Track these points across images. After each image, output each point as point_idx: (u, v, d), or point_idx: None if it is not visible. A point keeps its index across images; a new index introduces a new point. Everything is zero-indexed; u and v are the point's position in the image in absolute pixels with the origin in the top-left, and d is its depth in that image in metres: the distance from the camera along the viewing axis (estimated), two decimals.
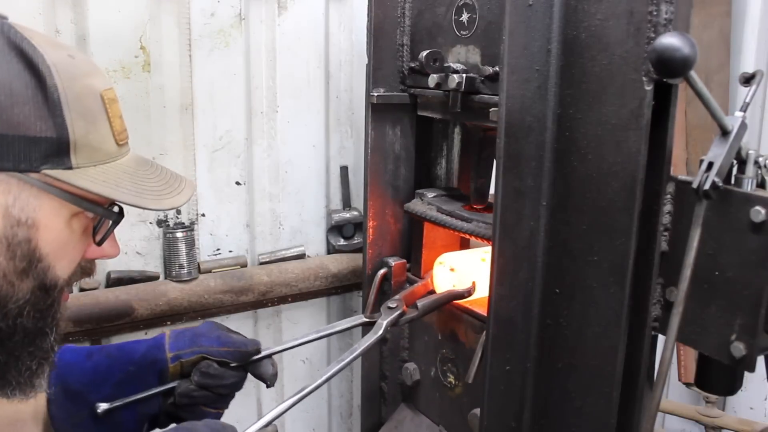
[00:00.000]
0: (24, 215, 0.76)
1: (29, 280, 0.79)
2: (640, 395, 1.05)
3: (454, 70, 1.37)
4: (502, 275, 1.16)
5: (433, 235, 1.63)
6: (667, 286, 1.00)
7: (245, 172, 1.91)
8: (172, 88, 1.75)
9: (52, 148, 0.76)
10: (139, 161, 0.90)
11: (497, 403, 1.21)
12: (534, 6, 1.07)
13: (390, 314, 1.33)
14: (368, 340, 1.26)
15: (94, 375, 1.08)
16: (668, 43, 0.77)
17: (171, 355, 1.10)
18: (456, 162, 1.80)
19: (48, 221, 0.78)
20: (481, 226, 1.40)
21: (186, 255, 1.78)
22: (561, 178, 1.11)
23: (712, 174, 0.86)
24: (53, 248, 0.80)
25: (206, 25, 1.77)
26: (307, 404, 2.17)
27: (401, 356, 1.70)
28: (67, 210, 0.80)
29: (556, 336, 1.15)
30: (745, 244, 0.88)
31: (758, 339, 0.88)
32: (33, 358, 0.83)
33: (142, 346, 1.13)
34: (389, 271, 1.63)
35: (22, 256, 0.77)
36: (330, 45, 2.00)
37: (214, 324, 1.18)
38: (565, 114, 1.09)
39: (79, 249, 0.86)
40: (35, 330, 0.82)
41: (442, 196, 1.61)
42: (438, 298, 1.42)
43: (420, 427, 1.65)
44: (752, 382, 1.31)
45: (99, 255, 0.91)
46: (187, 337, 1.13)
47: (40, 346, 0.84)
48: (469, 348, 1.44)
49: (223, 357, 1.11)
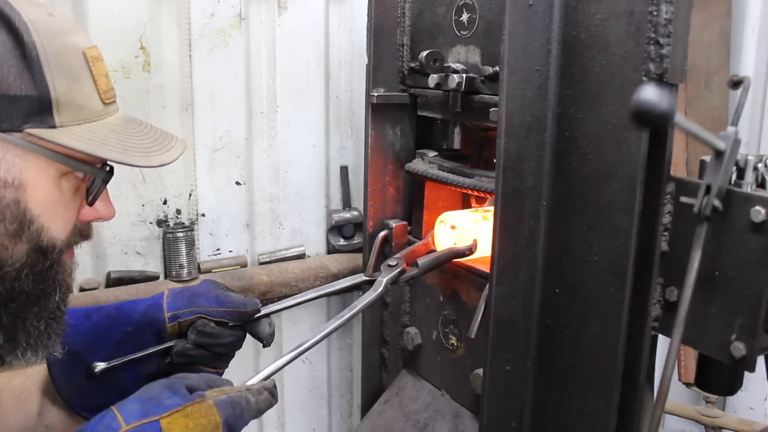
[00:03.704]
0: (10, 176, 0.76)
1: (23, 242, 0.78)
2: (640, 395, 1.05)
3: (454, 70, 1.37)
4: (502, 275, 1.16)
5: (434, 196, 1.61)
6: (667, 286, 1.00)
7: (245, 172, 1.91)
8: (172, 88, 1.75)
9: (34, 107, 0.75)
10: (127, 120, 0.89)
11: (497, 403, 1.21)
12: (534, 6, 1.07)
13: (390, 272, 1.31)
14: (368, 297, 1.23)
15: (93, 336, 1.07)
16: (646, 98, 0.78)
17: (169, 315, 1.09)
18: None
19: (35, 182, 0.78)
20: (483, 180, 1.38)
21: (186, 255, 1.78)
22: (561, 178, 1.11)
23: (712, 197, 0.86)
24: (44, 209, 0.79)
25: (206, 25, 1.77)
26: (307, 404, 2.17)
27: (402, 321, 1.69)
28: (54, 169, 0.80)
29: (556, 336, 1.15)
30: (745, 244, 0.88)
31: (758, 339, 0.88)
32: (40, 319, 0.83)
33: (140, 306, 1.11)
34: (390, 233, 1.61)
35: (12, 218, 0.77)
36: (330, 45, 2.00)
37: (213, 283, 1.15)
38: (565, 114, 1.09)
39: (71, 210, 0.85)
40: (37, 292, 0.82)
41: (443, 156, 1.59)
42: (439, 256, 1.40)
43: (421, 392, 1.63)
44: (752, 382, 1.31)
45: (94, 217, 0.90)
46: (185, 297, 1.11)
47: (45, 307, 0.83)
48: (472, 307, 1.42)
49: (222, 317, 1.09)
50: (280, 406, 2.11)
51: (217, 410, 0.83)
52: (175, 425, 0.79)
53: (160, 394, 0.83)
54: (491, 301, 1.18)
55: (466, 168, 1.46)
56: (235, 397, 0.87)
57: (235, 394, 0.88)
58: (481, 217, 1.51)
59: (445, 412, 1.55)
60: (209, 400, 0.84)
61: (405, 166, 1.64)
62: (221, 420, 0.83)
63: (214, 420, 0.82)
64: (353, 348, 2.22)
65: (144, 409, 0.80)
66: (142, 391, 0.85)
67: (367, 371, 1.80)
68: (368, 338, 1.76)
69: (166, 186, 1.79)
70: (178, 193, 1.81)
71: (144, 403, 0.81)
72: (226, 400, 0.86)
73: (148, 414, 0.79)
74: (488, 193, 1.38)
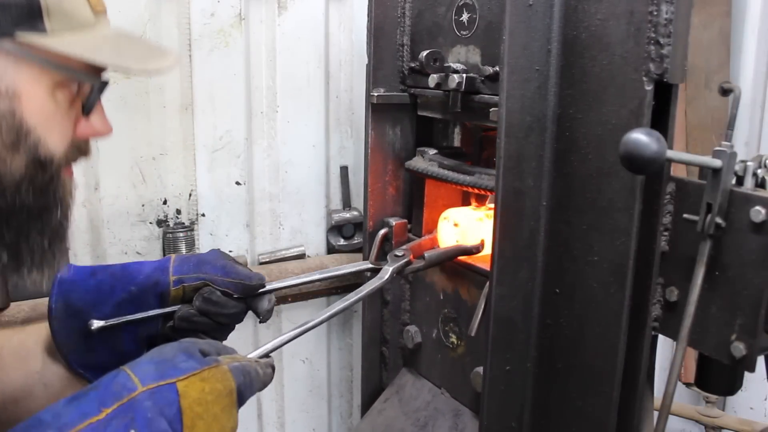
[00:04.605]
0: (3, 85, 0.75)
1: (21, 155, 0.78)
2: (640, 395, 1.05)
3: (454, 70, 1.37)
4: (502, 275, 1.16)
5: (434, 194, 1.61)
6: (667, 286, 1.00)
7: (245, 172, 1.91)
8: (172, 88, 1.75)
9: (23, 12, 0.74)
10: (119, 31, 0.88)
11: (497, 403, 1.21)
12: (534, 6, 1.07)
13: (396, 261, 1.30)
14: (373, 284, 1.22)
15: (96, 293, 1.05)
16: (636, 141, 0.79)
17: (174, 279, 1.06)
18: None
19: (29, 91, 0.77)
20: (484, 178, 1.38)
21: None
22: (561, 178, 1.11)
23: (714, 216, 0.88)
24: (40, 120, 0.79)
25: (206, 25, 1.77)
26: (307, 404, 2.17)
27: (402, 319, 1.69)
28: (48, 78, 0.79)
29: (556, 336, 1.15)
30: (745, 244, 0.88)
31: (758, 339, 0.88)
32: (43, 236, 0.83)
33: (146, 268, 1.09)
34: (390, 231, 1.61)
35: (8, 129, 0.76)
36: (330, 45, 2.00)
37: (220, 252, 1.14)
38: (565, 114, 1.09)
39: (68, 123, 0.84)
40: (38, 207, 0.82)
41: (443, 153, 1.58)
42: (446, 251, 1.40)
43: (421, 391, 1.63)
44: (752, 382, 1.31)
45: (90, 133, 0.89)
46: (192, 262, 1.09)
47: (47, 222, 0.83)
48: (472, 305, 1.42)
49: (227, 287, 1.07)
50: (280, 406, 2.11)
51: (231, 376, 0.82)
52: (192, 389, 0.78)
53: (175, 357, 0.81)
54: (491, 300, 1.18)
55: (467, 165, 1.46)
56: (247, 366, 0.86)
57: (247, 363, 0.87)
58: (485, 215, 1.51)
59: (445, 410, 1.55)
60: (224, 365, 0.83)
61: (405, 163, 1.64)
62: (235, 386, 0.82)
63: (229, 385, 0.81)
64: (353, 348, 2.22)
65: (160, 371, 0.78)
66: (155, 352, 0.83)
67: (366, 371, 1.80)
68: (368, 337, 1.76)
69: (166, 186, 1.79)
70: (178, 193, 1.81)
71: (159, 365, 0.79)
72: (239, 368, 0.85)
73: (164, 376, 0.78)
74: (488, 191, 1.38)
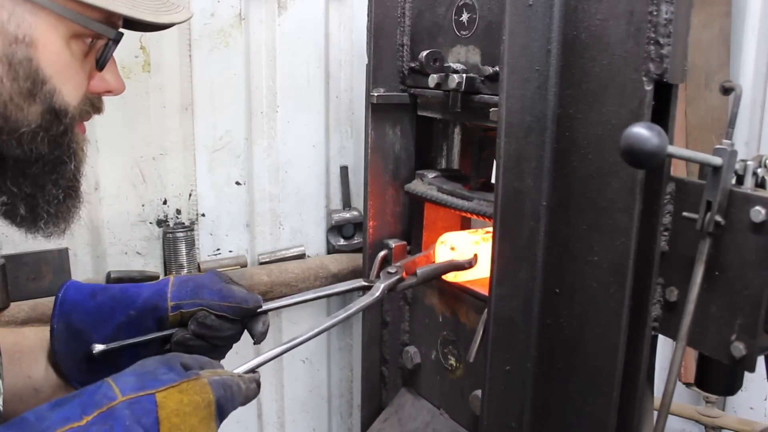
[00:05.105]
0: (21, 32, 0.76)
1: (37, 104, 0.79)
2: (641, 395, 1.05)
3: (454, 70, 1.37)
4: (502, 275, 1.16)
5: (433, 216, 1.62)
6: (667, 286, 1.00)
7: (245, 172, 1.91)
8: (172, 88, 1.75)
9: None
10: None
11: (497, 403, 1.21)
12: (534, 6, 1.07)
13: (388, 278, 1.31)
14: (365, 300, 1.23)
15: (96, 315, 1.08)
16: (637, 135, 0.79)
17: (172, 305, 1.10)
18: (456, 162, 1.80)
19: (46, 40, 0.78)
20: (482, 204, 1.39)
21: (186, 255, 1.78)
22: (561, 178, 1.11)
23: (714, 214, 0.87)
24: (56, 70, 0.80)
25: (206, 25, 1.77)
26: (307, 404, 2.17)
27: (402, 339, 1.70)
28: (64, 27, 0.80)
29: (556, 336, 1.15)
30: (745, 244, 0.88)
31: (758, 339, 0.88)
32: (58, 188, 0.85)
33: (145, 291, 1.12)
34: (390, 252, 1.62)
35: (25, 76, 0.77)
36: (330, 45, 2.00)
37: (217, 274, 1.17)
38: (565, 114, 1.09)
39: (82, 75, 0.85)
40: (53, 158, 0.83)
41: (442, 177, 1.59)
42: (438, 267, 1.40)
43: (421, 411, 1.64)
44: (752, 382, 1.31)
45: (104, 89, 0.90)
46: (189, 287, 1.12)
47: (63, 174, 0.84)
48: (471, 329, 1.43)
49: (223, 311, 1.10)
50: (280, 405, 2.11)
51: (210, 389, 0.85)
52: (170, 400, 0.81)
53: (156, 369, 0.84)
54: (491, 302, 1.18)
55: (466, 190, 1.47)
56: (228, 380, 0.89)
57: (228, 377, 0.89)
58: (481, 238, 1.51)
59: (444, 431, 1.55)
60: (204, 378, 0.85)
61: (405, 186, 1.65)
62: (214, 398, 0.84)
63: (207, 398, 0.84)
64: (353, 348, 2.22)
65: (140, 383, 0.81)
66: (138, 365, 0.86)
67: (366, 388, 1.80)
68: (367, 356, 1.77)
69: (166, 186, 1.79)
70: (178, 193, 1.81)
71: (140, 377, 0.83)
72: (220, 381, 0.87)
73: (144, 387, 0.81)
74: (487, 218, 1.38)
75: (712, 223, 0.88)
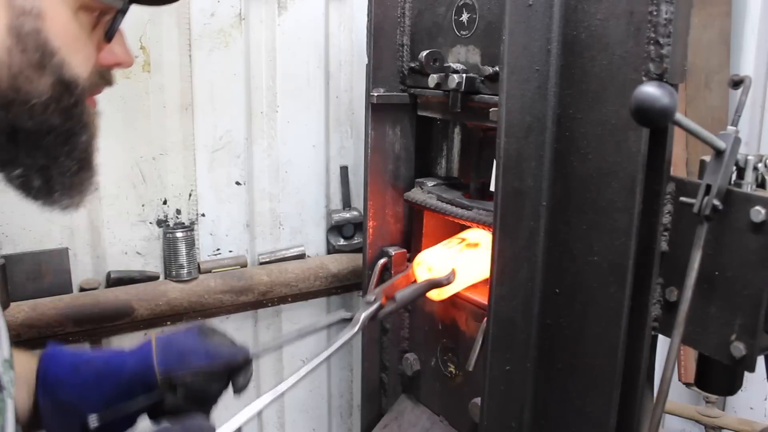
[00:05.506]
0: (28, 4, 0.76)
1: (46, 75, 0.79)
2: (640, 395, 1.05)
3: (454, 70, 1.37)
4: (502, 275, 1.16)
5: (433, 224, 1.62)
6: (667, 286, 1.00)
7: (245, 172, 1.91)
8: (172, 88, 1.75)
9: None
10: None
11: (497, 403, 1.21)
12: (534, 6, 1.07)
13: (367, 308, 1.30)
14: (346, 334, 1.24)
15: (83, 389, 1.09)
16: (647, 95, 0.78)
17: (161, 378, 1.10)
18: (456, 162, 1.80)
19: (54, 12, 0.78)
20: (482, 213, 1.39)
21: (186, 255, 1.78)
22: (561, 178, 1.11)
23: (712, 197, 0.86)
24: (64, 42, 0.80)
25: (206, 25, 1.77)
26: (307, 404, 2.17)
27: (401, 346, 1.70)
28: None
29: (556, 336, 1.15)
30: (745, 244, 0.88)
31: (758, 339, 0.88)
32: (72, 159, 0.84)
33: (129, 360, 1.12)
34: (389, 260, 1.62)
35: (34, 48, 0.77)
36: (330, 45, 2.00)
37: (200, 331, 1.16)
38: (565, 114, 1.09)
39: (91, 47, 0.85)
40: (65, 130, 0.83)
41: (441, 185, 1.60)
42: (416, 289, 1.40)
43: (420, 418, 1.64)
44: (752, 382, 1.31)
45: (113, 61, 0.90)
46: (175, 353, 1.12)
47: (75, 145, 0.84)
48: (470, 337, 1.44)
49: (213, 370, 1.12)
50: (280, 406, 2.11)
51: None
52: None
53: None
54: (491, 303, 1.18)
55: (465, 199, 1.47)
56: None
57: None
58: (459, 250, 1.50)
59: None
60: None
61: (404, 195, 1.65)
62: None
63: None
64: (353, 348, 2.21)
65: None
66: None
67: (366, 394, 1.80)
68: (368, 363, 1.77)
69: (166, 186, 1.79)
70: (178, 193, 1.81)
71: None
72: None
73: None
74: (487, 227, 1.37)
75: (709, 206, 0.86)
